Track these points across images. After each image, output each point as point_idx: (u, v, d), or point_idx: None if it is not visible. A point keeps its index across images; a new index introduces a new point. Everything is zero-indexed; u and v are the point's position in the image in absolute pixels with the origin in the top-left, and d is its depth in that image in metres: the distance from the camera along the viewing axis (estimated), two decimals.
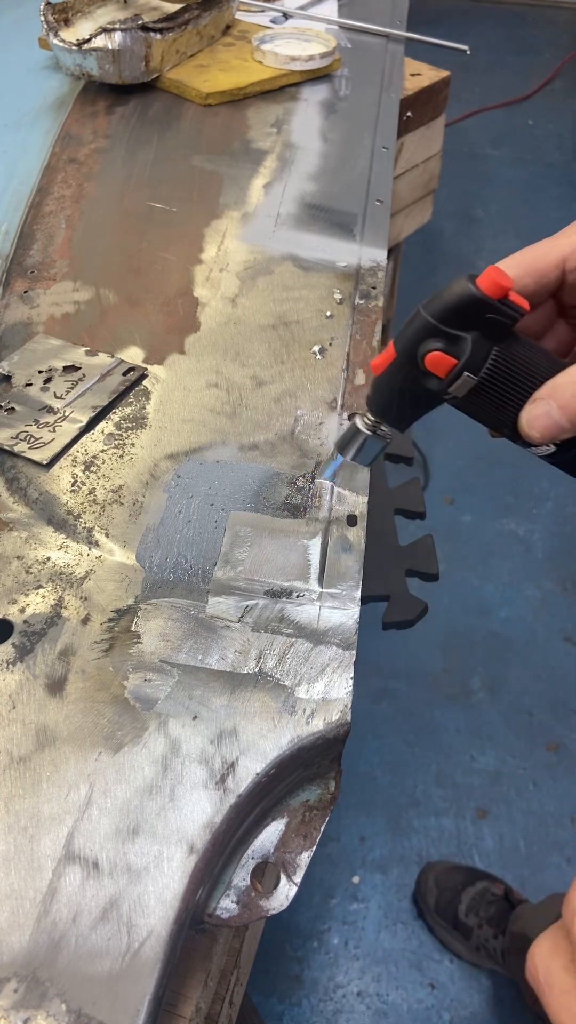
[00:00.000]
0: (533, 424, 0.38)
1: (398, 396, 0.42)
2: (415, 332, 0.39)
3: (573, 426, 0.37)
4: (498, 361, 0.38)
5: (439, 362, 0.38)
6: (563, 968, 0.31)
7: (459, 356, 0.38)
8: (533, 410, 0.38)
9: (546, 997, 0.31)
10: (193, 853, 0.37)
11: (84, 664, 0.44)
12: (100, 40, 0.90)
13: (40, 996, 0.33)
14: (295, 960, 1.17)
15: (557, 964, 0.31)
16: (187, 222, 0.77)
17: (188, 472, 0.54)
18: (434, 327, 0.38)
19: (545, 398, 0.38)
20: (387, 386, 0.42)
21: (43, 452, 0.54)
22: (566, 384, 0.37)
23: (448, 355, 0.38)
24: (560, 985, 0.30)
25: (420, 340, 0.39)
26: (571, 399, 0.37)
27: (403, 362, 0.40)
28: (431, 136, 1.30)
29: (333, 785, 0.43)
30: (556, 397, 0.37)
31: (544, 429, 0.38)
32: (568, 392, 0.37)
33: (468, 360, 0.38)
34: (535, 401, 0.38)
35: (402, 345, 0.40)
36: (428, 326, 0.38)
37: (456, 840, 1.29)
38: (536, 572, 1.65)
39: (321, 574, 0.49)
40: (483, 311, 0.37)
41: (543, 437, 0.38)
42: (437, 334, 0.38)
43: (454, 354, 0.38)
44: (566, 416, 0.37)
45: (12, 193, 0.80)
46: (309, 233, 0.76)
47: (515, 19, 4.01)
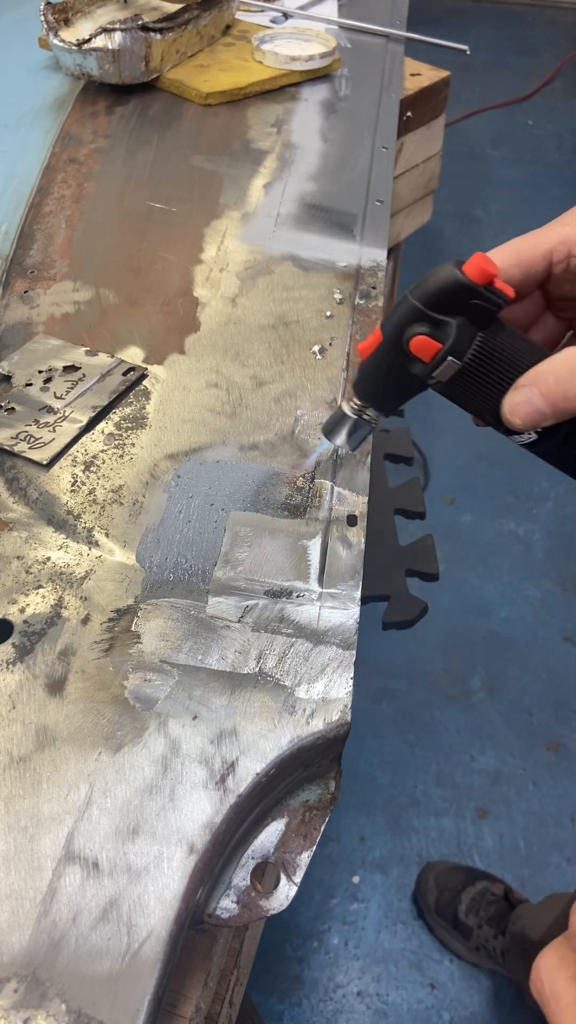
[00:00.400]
0: (515, 411, 0.38)
1: (383, 380, 0.42)
2: (401, 316, 0.39)
3: (554, 413, 0.37)
4: (482, 347, 0.38)
5: (424, 346, 0.39)
6: (570, 979, 0.30)
7: (444, 341, 0.38)
8: (515, 397, 0.38)
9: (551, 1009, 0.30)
10: (193, 853, 0.37)
11: (84, 664, 0.44)
12: (100, 40, 0.90)
13: (40, 996, 0.33)
14: (295, 960, 1.17)
15: (563, 976, 0.31)
16: (187, 222, 0.77)
17: (188, 472, 0.54)
18: (420, 311, 0.38)
19: (527, 385, 0.38)
20: (373, 370, 0.42)
21: (43, 452, 0.54)
22: (548, 372, 0.37)
23: (433, 339, 0.38)
24: (567, 997, 0.30)
25: (406, 324, 0.39)
26: (553, 387, 0.37)
27: (389, 346, 0.40)
28: (431, 136, 1.30)
29: (333, 785, 0.43)
30: (538, 384, 0.37)
31: (526, 416, 0.38)
32: (550, 380, 0.37)
33: (452, 345, 0.38)
34: (517, 388, 0.38)
35: (388, 329, 0.40)
36: (414, 310, 0.39)
37: (456, 840, 1.29)
38: (536, 572, 1.65)
39: (321, 574, 0.49)
40: (468, 297, 0.37)
41: (525, 424, 0.38)
42: (423, 318, 0.39)
43: (439, 339, 0.38)
44: (548, 403, 0.37)
45: (12, 193, 0.80)
46: (309, 233, 0.76)
47: (515, 19, 4.01)
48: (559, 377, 0.37)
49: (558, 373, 0.37)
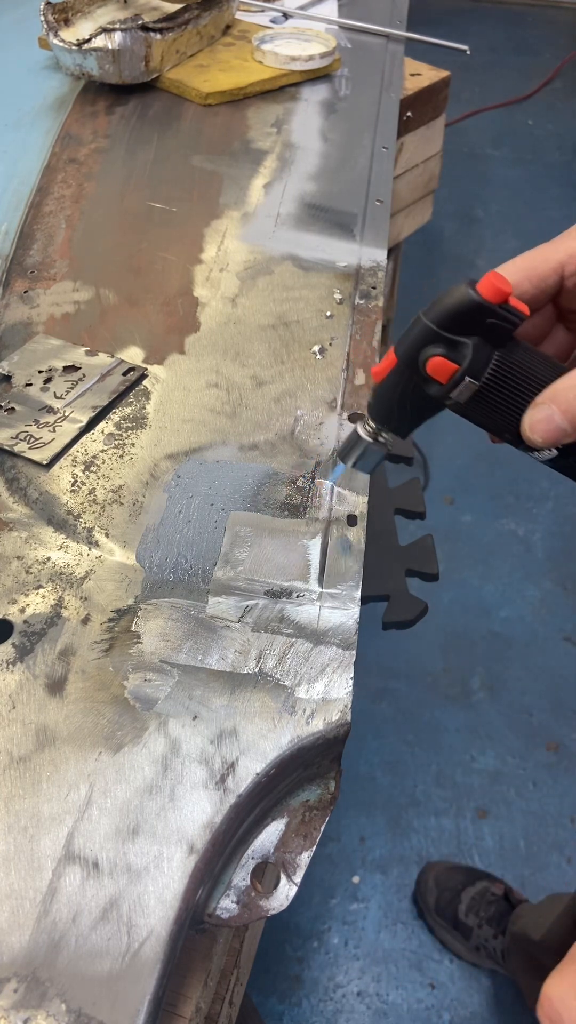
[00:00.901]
0: (535, 428, 0.38)
1: (399, 402, 0.42)
2: (416, 338, 0.39)
3: (575, 430, 0.37)
4: (499, 366, 0.38)
5: (440, 368, 0.38)
6: None
7: (460, 361, 0.38)
8: (535, 415, 0.38)
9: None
10: (193, 853, 0.37)
11: (84, 664, 0.44)
12: (100, 40, 0.90)
13: (40, 996, 0.33)
14: (295, 960, 1.17)
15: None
16: (187, 222, 0.77)
17: (188, 472, 0.54)
18: (435, 333, 0.38)
19: (547, 402, 0.38)
20: (388, 393, 0.42)
21: (43, 452, 0.54)
22: (567, 388, 0.37)
23: (449, 360, 0.38)
24: None
25: (421, 346, 0.39)
26: (573, 403, 0.37)
27: (404, 368, 0.40)
28: (431, 136, 1.30)
29: (333, 785, 0.43)
30: (558, 401, 0.37)
31: (546, 433, 0.38)
32: (570, 396, 0.37)
33: (469, 365, 0.38)
34: (537, 406, 0.38)
35: (403, 351, 0.40)
36: (429, 332, 0.38)
37: (456, 840, 1.29)
38: (536, 572, 1.65)
39: (321, 574, 0.49)
40: (484, 316, 0.37)
41: (545, 442, 0.38)
42: (438, 340, 0.38)
43: (455, 360, 0.38)
44: (568, 420, 0.37)
45: (12, 193, 0.80)
46: (309, 233, 0.76)
47: (515, 19, 4.01)
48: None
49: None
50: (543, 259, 0.40)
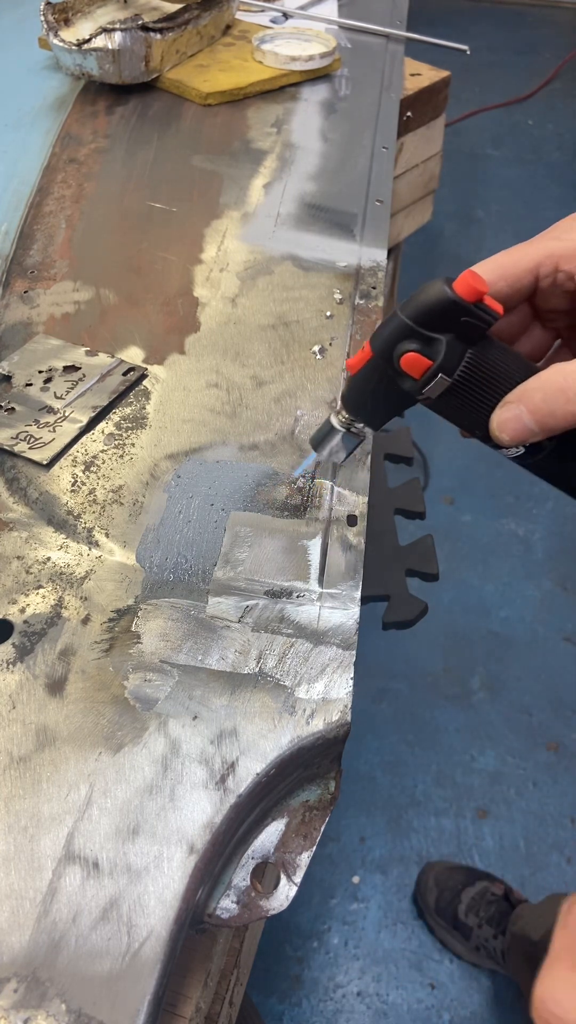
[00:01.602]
0: (503, 427, 0.39)
1: (372, 395, 0.43)
2: (391, 333, 0.40)
3: (542, 430, 0.38)
4: (472, 364, 0.39)
5: (414, 363, 0.39)
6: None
7: (434, 358, 0.39)
8: (503, 413, 0.39)
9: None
10: (193, 853, 0.37)
11: (84, 664, 0.44)
12: (100, 40, 0.90)
13: (40, 996, 0.33)
14: (295, 960, 1.17)
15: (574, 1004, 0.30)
16: (187, 222, 0.77)
17: (188, 472, 0.54)
18: (410, 328, 0.39)
19: (515, 402, 0.38)
20: (362, 385, 0.43)
21: (43, 452, 0.54)
22: (536, 388, 0.38)
23: (423, 356, 0.39)
24: None
25: (396, 341, 0.39)
26: (540, 403, 0.37)
27: (379, 362, 0.41)
28: (431, 136, 1.30)
29: (333, 785, 0.43)
30: (526, 401, 0.38)
31: (514, 432, 0.38)
32: (537, 396, 0.37)
33: (443, 362, 0.38)
34: (505, 404, 0.39)
35: (378, 345, 0.40)
36: (404, 327, 0.39)
37: (456, 840, 1.29)
38: (536, 572, 1.65)
39: (321, 574, 0.49)
40: (458, 314, 0.38)
41: (512, 440, 0.39)
42: (413, 335, 0.39)
43: (429, 355, 0.39)
44: (535, 420, 0.37)
45: (12, 193, 0.80)
46: (309, 233, 0.76)
47: (515, 19, 4.01)
48: (546, 394, 0.37)
49: (545, 390, 0.37)
50: (519, 259, 0.41)
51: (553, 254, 0.40)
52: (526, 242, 0.41)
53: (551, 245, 0.40)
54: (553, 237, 0.41)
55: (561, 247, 0.40)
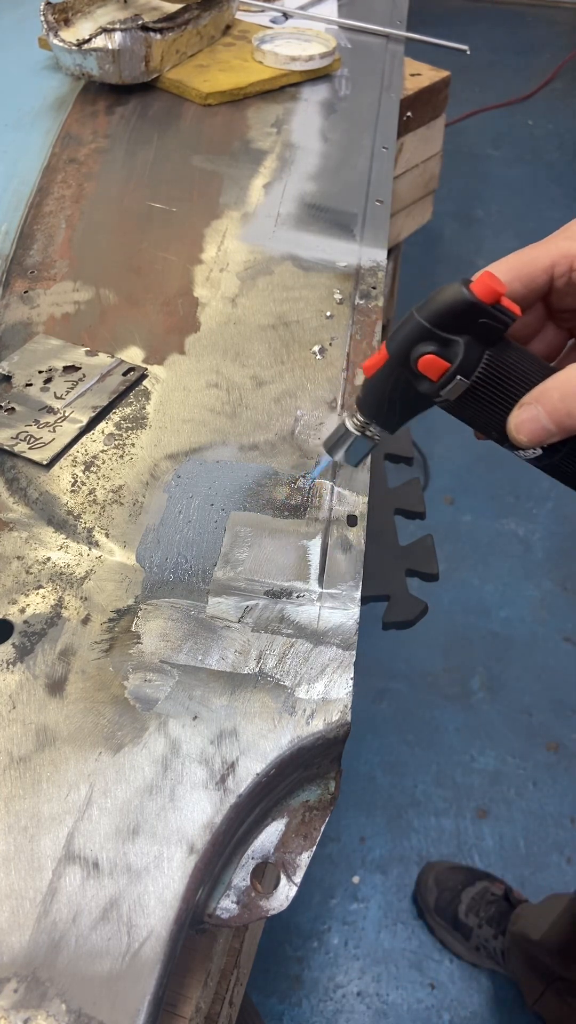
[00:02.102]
0: (521, 428, 0.39)
1: (389, 398, 0.42)
2: (408, 335, 0.39)
3: (560, 430, 0.38)
4: (490, 365, 0.39)
5: (432, 365, 0.39)
6: None
7: (452, 360, 0.39)
8: (521, 414, 0.39)
9: None
10: (193, 853, 0.37)
11: (84, 664, 0.44)
12: (100, 40, 0.90)
13: (40, 996, 0.33)
14: (295, 960, 1.17)
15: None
16: (187, 222, 0.77)
17: (188, 472, 0.54)
18: (427, 330, 0.39)
19: (533, 403, 0.38)
20: (378, 388, 0.42)
21: (43, 452, 0.54)
22: (553, 388, 0.38)
23: (441, 358, 0.39)
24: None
25: (413, 343, 0.39)
26: (558, 404, 0.37)
27: (395, 364, 0.40)
28: (431, 136, 1.30)
29: (333, 785, 0.43)
30: (543, 402, 0.38)
31: (531, 433, 0.38)
32: (555, 396, 0.37)
33: (461, 364, 0.38)
34: (523, 406, 0.39)
35: (395, 347, 0.40)
36: (421, 329, 0.39)
37: (456, 840, 1.29)
38: (536, 572, 1.65)
39: (321, 574, 0.49)
40: (476, 316, 0.38)
41: (531, 441, 0.39)
42: (430, 337, 0.39)
43: (447, 357, 0.39)
44: (553, 421, 0.38)
45: (12, 193, 0.80)
46: (309, 233, 0.76)
47: (515, 19, 4.01)
48: (564, 394, 0.37)
49: (563, 390, 0.37)
50: (534, 259, 0.41)
51: (568, 254, 0.40)
52: (540, 242, 0.41)
53: (565, 245, 0.40)
54: (567, 237, 0.41)
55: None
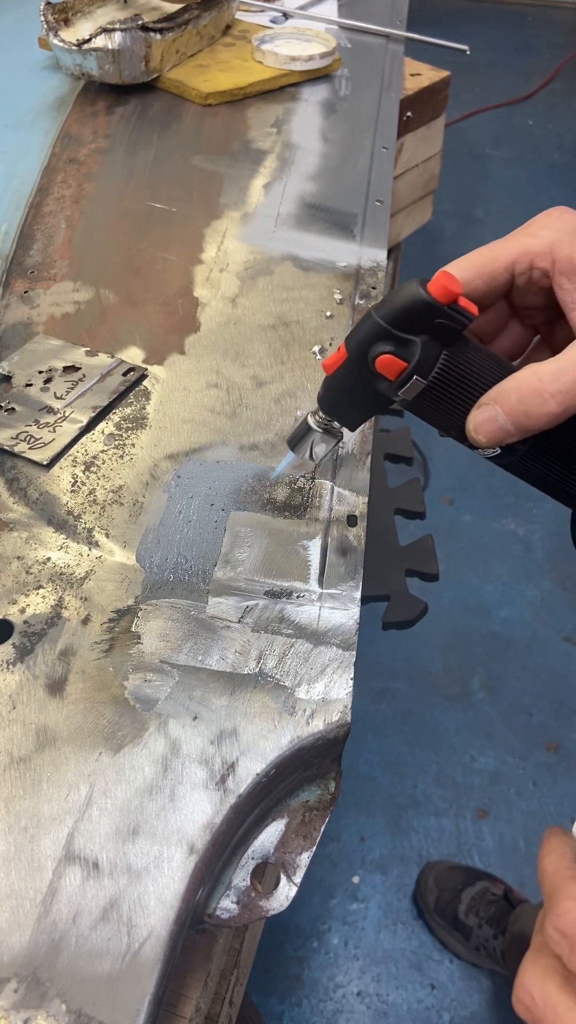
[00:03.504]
0: (479, 429, 0.38)
1: (348, 396, 0.43)
2: (366, 334, 0.39)
3: (518, 431, 0.38)
4: (447, 365, 0.38)
5: (389, 365, 0.39)
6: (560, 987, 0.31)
7: (409, 359, 0.38)
8: (479, 415, 0.38)
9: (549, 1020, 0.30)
10: (193, 853, 0.37)
11: (84, 664, 0.44)
12: (100, 40, 0.90)
13: (40, 996, 0.33)
14: (295, 960, 1.17)
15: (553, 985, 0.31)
16: (187, 222, 0.77)
17: (188, 472, 0.54)
18: (385, 330, 0.38)
19: (491, 403, 0.38)
20: (338, 386, 0.42)
21: (43, 452, 0.54)
22: (511, 390, 0.37)
23: (398, 358, 0.38)
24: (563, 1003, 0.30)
25: (371, 342, 0.39)
26: (516, 405, 0.37)
27: (354, 363, 0.40)
28: (431, 136, 1.30)
29: (333, 786, 0.43)
30: (501, 402, 0.38)
31: (490, 434, 0.38)
32: (513, 398, 0.37)
33: (417, 364, 0.38)
34: (481, 406, 0.38)
35: (353, 346, 0.40)
36: (379, 329, 0.39)
37: (456, 840, 1.29)
38: (536, 572, 1.65)
39: (321, 574, 0.49)
40: (433, 316, 0.37)
41: (489, 442, 0.39)
42: (387, 337, 0.39)
43: (404, 357, 0.38)
44: (511, 421, 0.37)
45: (12, 193, 0.80)
46: (309, 233, 0.76)
47: (515, 19, 4.01)
48: (521, 395, 0.37)
49: (521, 391, 0.37)
50: (494, 257, 0.40)
51: (528, 251, 0.40)
52: (501, 239, 0.41)
53: (526, 242, 0.40)
54: (528, 234, 0.40)
55: (536, 243, 0.40)
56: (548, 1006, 0.31)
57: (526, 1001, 0.32)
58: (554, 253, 0.39)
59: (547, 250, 0.39)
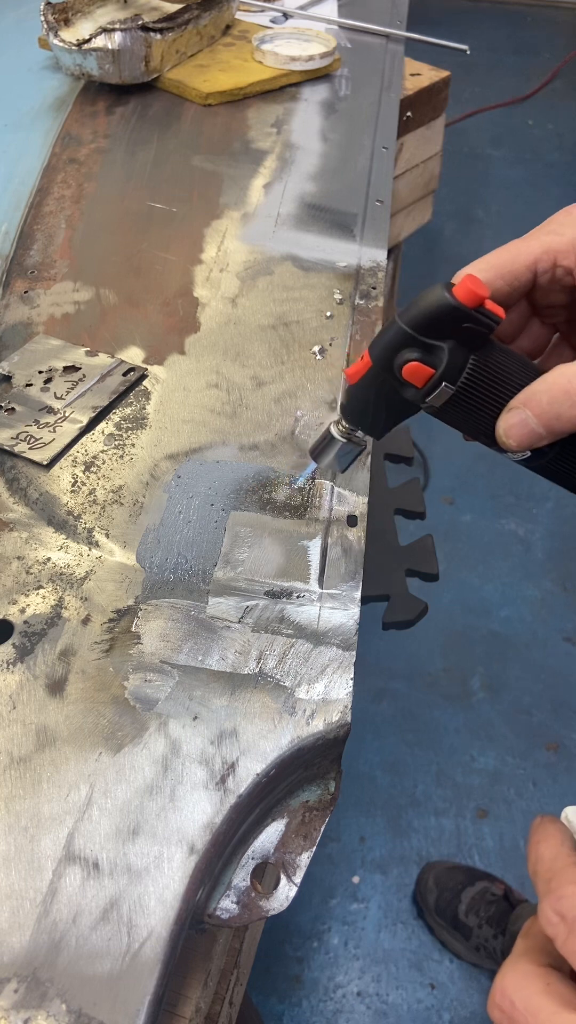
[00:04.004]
0: (510, 433, 0.38)
1: (374, 405, 0.42)
2: (391, 341, 0.39)
3: (549, 433, 0.37)
4: (475, 370, 0.38)
5: (417, 372, 0.38)
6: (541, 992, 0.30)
7: (436, 366, 0.38)
8: (509, 419, 0.38)
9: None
10: (193, 853, 0.37)
11: (84, 665, 0.44)
12: (100, 40, 0.90)
13: (40, 996, 0.33)
14: (295, 960, 1.17)
15: (534, 989, 0.30)
16: (187, 222, 0.77)
17: (188, 472, 0.54)
18: (411, 336, 0.38)
19: (521, 407, 0.37)
20: (362, 394, 0.42)
21: (43, 452, 0.54)
22: (542, 391, 0.37)
23: (425, 365, 0.38)
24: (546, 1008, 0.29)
25: (396, 350, 0.39)
26: (547, 407, 0.37)
27: (379, 371, 0.40)
28: (431, 136, 1.30)
29: (333, 786, 0.43)
30: (532, 405, 0.37)
31: (520, 438, 0.38)
32: (544, 399, 0.37)
33: (445, 370, 0.38)
34: (511, 410, 0.38)
35: (378, 354, 0.39)
36: (404, 336, 0.38)
37: (456, 840, 1.29)
38: (536, 572, 1.65)
39: (321, 574, 0.49)
40: (460, 320, 0.37)
41: (520, 446, 0.38)
42: (414, 343, 0.38)
43: (431, 364, 0.38)
44: (542, 424, 0.37)
45: (12, 193, 0.80)
46: (309, 233, 0.76)
47: (515, 19, 4.00)
48: (552, 397, 0.36)
49: (551, 393, 0.37)
50: (516, 256, 0.40)
51: (551, 249, 0.39)
52: (522, 238, 0.41)
53: (548, 240, 0.40)
54: (549, 231, 0.40)
55: (559, 242, 0.39)
56: (529, 1011, 0.29)
57: (504, 1006, 0.30)
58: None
59: (571, 248, 0.39)
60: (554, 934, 0.30)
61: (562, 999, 0.29)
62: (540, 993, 0.30)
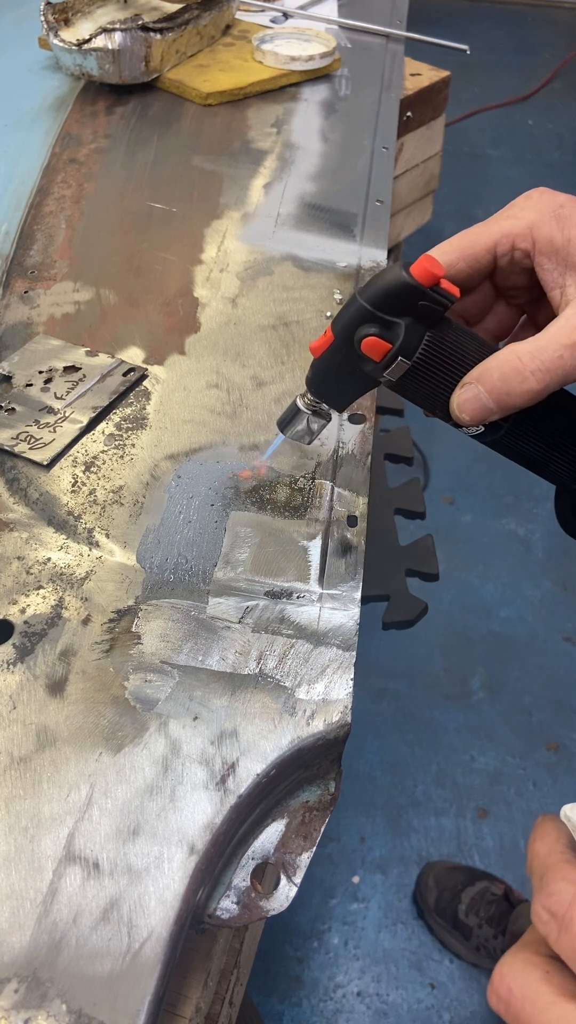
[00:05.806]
0: (463, 407, 0.40)
1: (335, 378, 0.44)
2: (351, 317, 0.40)
3: (500, 408, 0.39)
4: (430, 346, 0.40)
5: (374, 347, 0.40)
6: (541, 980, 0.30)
7: (393, 341, 0.40)
8: (463, 394, 0.40)
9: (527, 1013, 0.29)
10: (194, 854, 0.37)
11: (85, 665, 0.44)
12: (100, 40, 0.90)
13: (41, 996, 0.33)
14: (295, 960, 1.17)
15: (534, 977, 0.30)
16: (187, 222, 0.77)
17: (188, 472, 0.54)
18: (369, 312, 0.40)
19: (473, 382, 0.39)
20: (325, 368, 0.43)
21: (43, 453, 0.54)
22: (493, 368, 0.39)
23: (383, 340, 0.40)
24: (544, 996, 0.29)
25: (356, 325, 0.40)
26: (498, 383, 0.38)
27: (340, 345, 0.42)
28: (431, 136, 1.30)
29: (333, 786, 0.43)
30: (484, 381, 0.39)
31: (473, 412, 0.39)
32: (495, 376, 0.38)
33: (402, 345, 0.39)
34: (464, 385, 0.40)
35: (339, 329, 0.41)
36: (363, 311, 0.40)
37: (456, 840, 1.29)
38: (536, 572, 1.65)
39: (321, 575, 0.49)
40: (415, 298, 0.39)
41: (472, 420, 0.40)
42: (372, 319, 0.40)
43: (388, 339, 0.40)
44: (493, 399, 0.39)
45: (12, 193, 0.80)
46: (309, 233, 0.76)
47: (515, 19, 4.01)
48: (503, 374, 0.38)
49: (503, 370, 0.38)
50: (476, 239, 0.42)
51: (509, 233, 0.41)
52: (482, 222, 0.42)
53: (506, 224, 0.41)
54: (508, 216, 0.42)
55: (516, 225, 0.41)
56: (527, 999, 0.30)
57: (502, 992, 0.30)
58: (534, 234, 0.40)
59: (527, 231, 0.40)
60: (546, 932, 0.30)
61: (560, 988, 0.29)
62: (538, 981, 0.30)
